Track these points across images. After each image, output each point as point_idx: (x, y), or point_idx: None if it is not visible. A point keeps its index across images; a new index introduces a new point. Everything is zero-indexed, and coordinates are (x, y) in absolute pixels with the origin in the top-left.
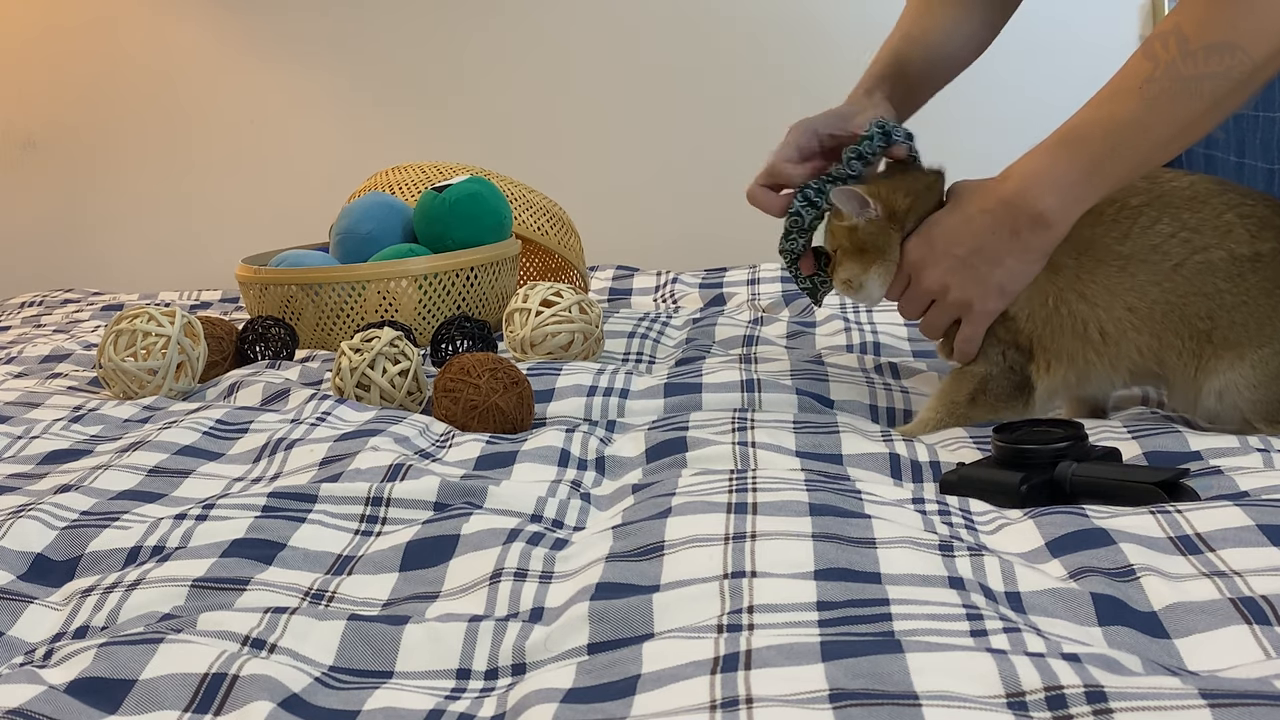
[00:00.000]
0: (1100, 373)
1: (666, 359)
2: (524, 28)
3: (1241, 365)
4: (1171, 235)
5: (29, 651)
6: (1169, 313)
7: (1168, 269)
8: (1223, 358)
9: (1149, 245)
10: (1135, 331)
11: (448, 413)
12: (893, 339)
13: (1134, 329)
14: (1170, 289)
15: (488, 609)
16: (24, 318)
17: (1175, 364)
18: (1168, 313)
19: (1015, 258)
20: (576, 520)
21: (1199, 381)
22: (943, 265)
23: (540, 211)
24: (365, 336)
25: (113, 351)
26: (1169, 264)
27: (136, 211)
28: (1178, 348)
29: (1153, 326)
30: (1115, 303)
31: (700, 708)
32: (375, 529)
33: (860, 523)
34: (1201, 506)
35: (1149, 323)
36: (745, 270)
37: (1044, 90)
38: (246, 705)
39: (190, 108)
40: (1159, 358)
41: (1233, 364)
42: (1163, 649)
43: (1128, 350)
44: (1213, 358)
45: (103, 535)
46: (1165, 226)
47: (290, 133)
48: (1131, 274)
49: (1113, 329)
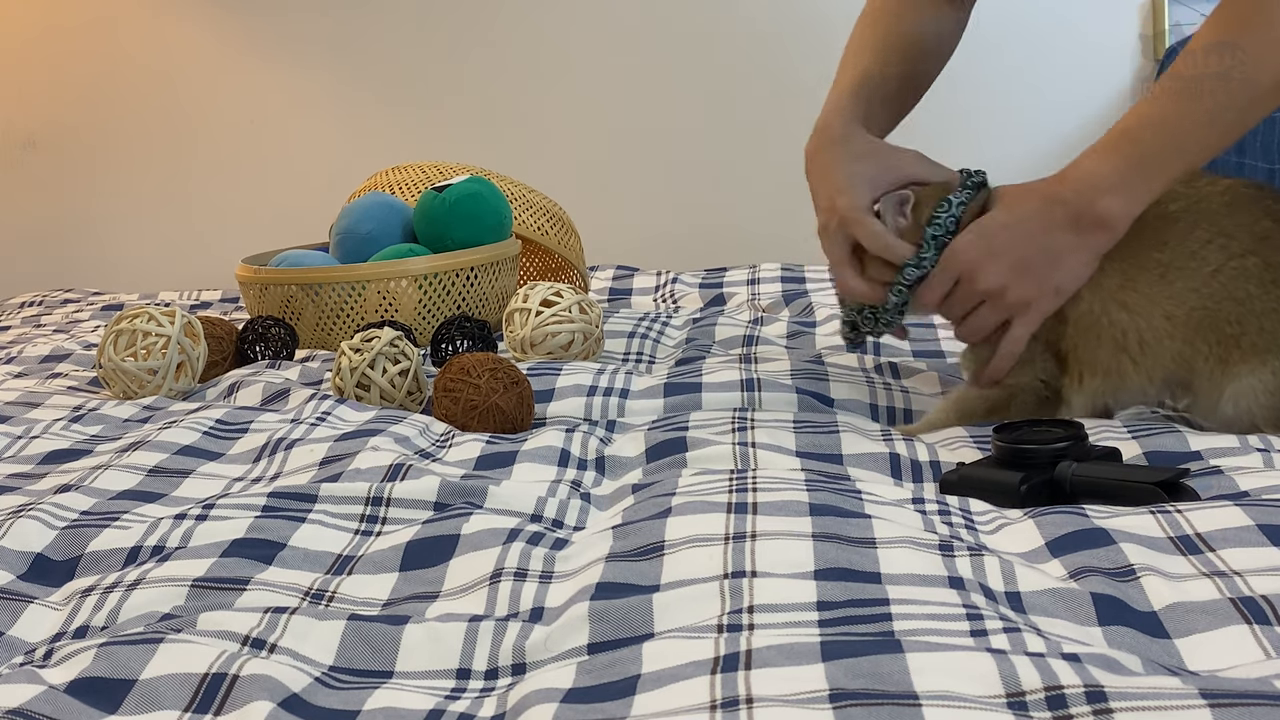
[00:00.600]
0: (1134, 383)
1: (666, 359)
2: (524, 28)
3: (1262, 371)
4: (1209, 241)
5: (29, 651)
6: (1203, 320)
7: (1205, 275)
8: (1246, 362)
9: (1188, 252)
10: (1170, 339)
11: (448, 413)
12: (893, 339)
13: (1169, 337)
14: (1206, 295)
15: (488, 609)
16: (24, 318)
17: (1202, 369)
18: (1202, 319)
19: (1075, 257)
20: (576, 520)
21: (1221, 386)
22: (1002, 266)
23: (540, 211)
24: (365, 336)
25: (113, 351)
26: (1207, 270)
27: (136, 211)
28: (1205, 353)
29: (1187, 334)
30: (1155, 311)
31: (700, 708)
32: (375, 529)
33: (860, 522)
34: (1201, 506)
35: (1184, 330)
36: (745, 270)
37: (1044, 90)
38: (246, 705)
39: (190, 108)
40: (1190, 365)
41: (1254, 369)
42: (1163, 649)
43: (1163, 359)
44: (1239, 363)
45: (103, 535)
46: (1203, 233)
47: (290, 133)
48: (1170, 282)
49: (1151, 338)
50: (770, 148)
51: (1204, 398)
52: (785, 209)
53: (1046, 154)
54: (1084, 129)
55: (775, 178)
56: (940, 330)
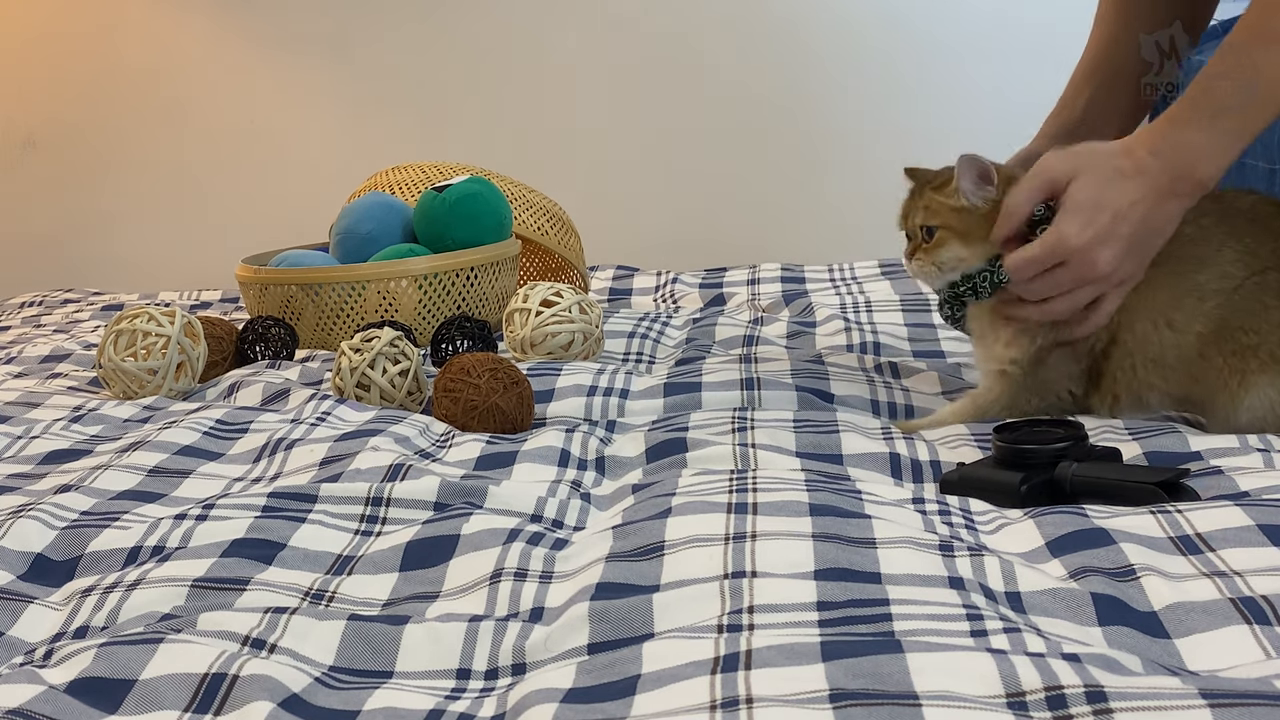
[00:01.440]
0: (1157, 400)
1: (666, 359)
2: (524, 28)
3: None
4: (1237, 259)
5: (29, 651)
6: (1222, 333)
7: (1229, 290)
8: (1265, 373)
9: (1220, 272)
10: (1200, 357)
11: (448, 412)
12: (893, 339)
13: (1199, 355)
14: (1229, 310)
15: (488, 609)
16: (24, 318)
17: (1216, 383)
18: (1220, 332)
19: (1172, 224)
20: (576, 520)
21: (1238, 399)
22: (1117, 245)
23: (540, 211)
24: (365, 336)
25: (113, 351)
26: (1231, 286)
27: (137, 211)
28: (1219, 365)
29: (1208, 349)
30: (1191, 326)
31: (700, 708)
32: (375, 529)
33: (860, 523)
34: (1202, 506)
35: (1210, 346)
36: (745, 270)
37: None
38: (246, 705)
39: (190, 108)
40: (1207, 381)
41: (1273, 381)
42: (1163, 649)
43: (1186, 376)
44: (1256, 372)
45: (103, 535)
46: (1230, 251)
47: (290, 133)
48: (1201, 299)
49: (1186, 354)
50: (770, 148)
51: (1220, 411)
52: (785, 209)
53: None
54: None
55: (775, 178)
56: (940, 330)
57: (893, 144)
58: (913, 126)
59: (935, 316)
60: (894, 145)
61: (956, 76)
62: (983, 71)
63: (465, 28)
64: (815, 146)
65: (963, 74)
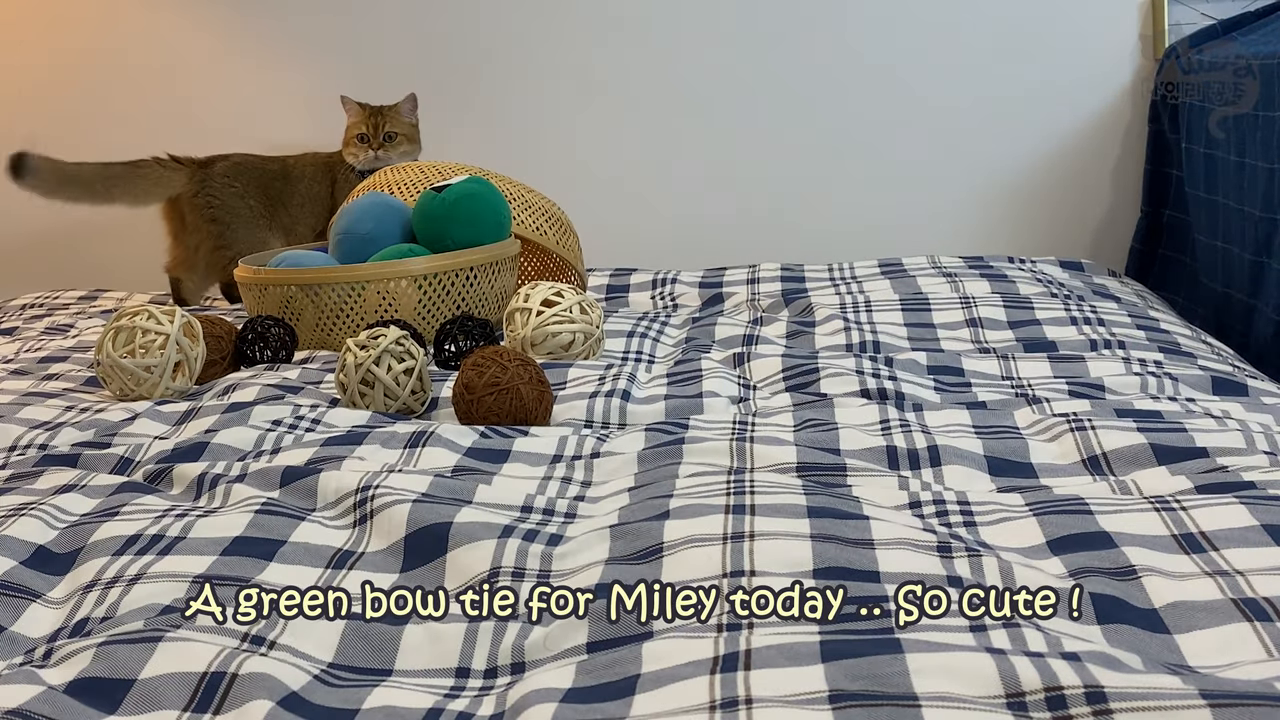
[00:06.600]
0: None
1: (666, 359)
2: (523, 28)
3: None
4: None
5: (29, 650)
6: None
7: None
8: None
9: None
10: None
11: (468, 381)
12: (893, 339)
13: None
14: None
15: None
16: (24, 318)
17: None
18: None
19: None
20: (571, 514)
21: None
22: None
23: (539, 211)
24: (371, 334)
25: (111, 348)
26: None
27: (137, 211)
28: None
29: None
30: None
31: (700, 708)
32: (370, 526)
33: (858, 524)
34: (1206, 504)
35: None
36: (744, 270)
37: (1043, 90)
38: (246, 704)
39: (190, 107)
40: None
41: None
42: (1163, 644)
43: None
44: None
45: (102, 528)
46: None
47: (290, 132)
48: None
49: None
50: (770, 147)
51: None
52: (785, 209)
53: (1046, 154)
54: (1083, 129)
55: (775, 178)
56: (940, 330)
57: (893, 144)
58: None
59: (935, 316)
60: (894, 145)
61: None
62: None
63: (465, 27)
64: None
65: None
